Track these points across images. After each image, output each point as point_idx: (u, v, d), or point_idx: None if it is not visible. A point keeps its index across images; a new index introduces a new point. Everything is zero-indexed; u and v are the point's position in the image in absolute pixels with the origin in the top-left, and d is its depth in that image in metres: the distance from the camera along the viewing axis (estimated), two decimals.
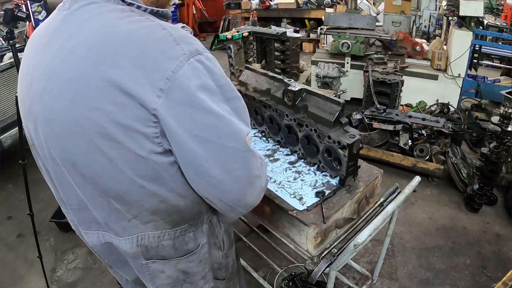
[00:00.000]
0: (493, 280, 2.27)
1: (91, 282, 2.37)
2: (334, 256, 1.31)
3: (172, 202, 0.91)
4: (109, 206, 0.91)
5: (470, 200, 2.87)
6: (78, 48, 0.78)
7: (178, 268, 1.05)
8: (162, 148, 0.80)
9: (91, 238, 1.05)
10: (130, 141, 0.78)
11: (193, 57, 0.77)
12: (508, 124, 2.58)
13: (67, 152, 0.85)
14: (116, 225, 0.96)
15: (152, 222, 0.94)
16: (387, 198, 1.52)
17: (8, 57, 3.26)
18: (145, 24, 0.78)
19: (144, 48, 0.75)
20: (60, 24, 0.84)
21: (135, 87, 0.73)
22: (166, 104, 0.75)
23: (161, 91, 0.74)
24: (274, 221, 1.45)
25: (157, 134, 0.78)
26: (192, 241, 1.03)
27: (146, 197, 0.88)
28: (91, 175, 0.86)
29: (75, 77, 0.77)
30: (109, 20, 0.79)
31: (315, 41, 6.89)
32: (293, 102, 1.52)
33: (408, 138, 3.21)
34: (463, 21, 3.90)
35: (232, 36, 4.46)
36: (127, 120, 0.76)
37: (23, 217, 2.74)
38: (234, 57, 4.63)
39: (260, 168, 0.89)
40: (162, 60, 0.74)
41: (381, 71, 3.45)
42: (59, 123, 0.81)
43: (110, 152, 0.80)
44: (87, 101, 0.76)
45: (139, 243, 0.98)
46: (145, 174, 0.83)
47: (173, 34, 0.77)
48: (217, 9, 8.26)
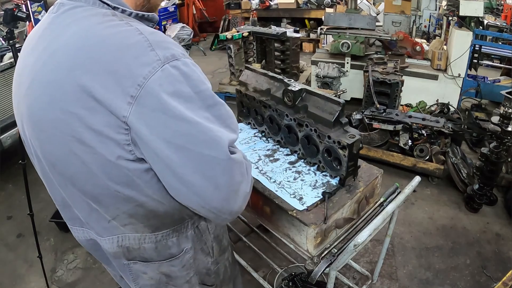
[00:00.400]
0: (493, 280, 2.27)
1: (91, 282, 2.37)
2: (334, 256, 1.31)
3: (150, 208, 0.89)
4: (89, 207, 0.92)
5: (470, 200, 2.87)
6: (57, 52, 0.79)
7: (161, 271, 1.04)
8: (134, 156, 0.79)
9: (77, 234, 1.07)
10: (102, 146, 0.77)
11: (168, 63, 0.75)
12: (508, 124, 2.58)
13: (47, 152, 0.87)
14: (96, 225, 0.97)
15: (130, 225, 0.93)
16: (387, 198, 1.52)
17: (8, 57, 3.26)
18: (122, 29, 0.77)
19: (117, 53, 0.74)
20: (47, 27, 0.85)
21: (106, 93, 0.73)
22: (138, 111, 0.73)
23: (132, 98, 0.72)
24: (274, 221, 1.45)
25: (128, 141, 0.77)
26: (176, 246, 1.01)
27: (121, 201, 0.87)
28: (68, 176, 0.87)
29: (53, 81, 0.78)
30: (88, 24, 0.79)
31: (315, 41, 6.90)
32: (293, 102, 1.52)
33: (408, 138, 3.21)
34: (463, 21, 3.90)
35: (232, 36, 4.47)
36: (98, 125, 0.75)
37: (23, 217, 2.74)
38: (234, 57, 4.64)
39: (245, 174, 0.87)
40: (135, 66, 0.73)
41: (381, 71, 3.45)
42: (39, 124, 0.83)
43: (83, 156, 0.80)
44: (62, 105, 0.76)
45: (120, 244, 0.97)
46: (118, 179, 0.82)
47: (149, 39, 0.76)
48: (217, 9, 8.25)
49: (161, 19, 7.34)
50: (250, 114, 1.84)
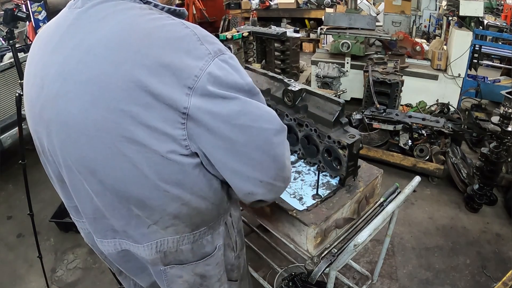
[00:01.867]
0: (493, 280, 2.27)
1: (91, 282, 2.37)
2: (334, 256, 1.31)
3: (194, 205, 0.90)
4: (129, 213, 0.88)
5: (470, 200, 2.87)
6: (96, 47, 0.74)
7: (196, 272, 1.04)
8: (189, 151, 0.79)
9: (106, 247, 1.03)
10: (157, 143, 0.75)
11: (218, 57, 0.76)
12: (508, 124, 2.58)
13: (85, 158, 0.81)
14: (135, 232, 0.94)
15: (172, 227, 0.92)
16: (387, 198, 1.52)
17: (8, 57, 3.26)
18: (167, 22, 0.76)
19: (169, 46, 0.73)
20: (73, 23, 0.79)
21: (162, 87, 0.71)
22: (198, 101, 0.74)
23: (189, 89, 0.73)
24: (274, 221, 1.44)
25: (185, 136, 0.76)
26: (210, 244, 1.02)
27: (168, 201, 0.86)
28: (112, 181, 0.82)
29: (94, 77, 0.73)
30: (128, 17, 0.76)
31: (315, 41, 6.89)
32: (293, 102, 1.52)
33: (408, 138, 3.21)
34: (463, 21, 3.90)
35: (232, 36, 4.47)
36: (154, 121, 0.73)
37: (23, 217, 2.74)
38: None
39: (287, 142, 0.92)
40: (189, 59, 0.73)
41: (381, 71, 3.45)
42: (76, 128, 0.77)
43: (134, 157, 0.77)
44: (109, 103, 0.72)
45: (158, 249, 0.96)
46: (169, 178, 0.81)
47: (197, 33, 0.76)
48: (217, 9, 8.24)
49: None
50: None
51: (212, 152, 0.81)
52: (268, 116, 0.82)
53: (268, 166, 0.85)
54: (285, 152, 0.88)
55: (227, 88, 0.76)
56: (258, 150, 0.82)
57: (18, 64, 2.18)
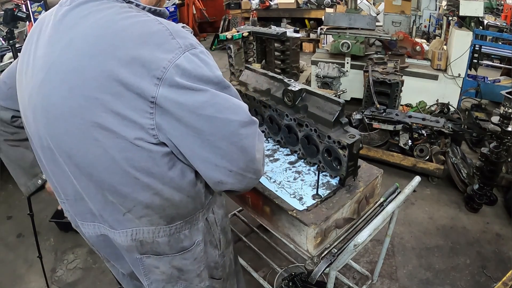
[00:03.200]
0: (493, 280, 2.27)
1: (91, 282, 2.37)
2: (334, 256, 1.31)
3: (166, 196, 0.92)
4: (104, 199, 0.93)
5: (470, 200, 2.87)
6: (76, 41, 0.81)
7: (173, 264, 1.05)
8: (157, 140, 0.83)
9: (86, 229, 1.07)
10: (126, 130, 0.80)
11: (188, 51, 0.80)
12: (508, 124, 2.58)
13: (63, 142, 0.87)
14: (110, 218, 0.97)
15: (146, 217, 0.95)
16: (387, 198, 1.52)
17: (8, 57, 3.26)
18: (142, 19, 0.82)
19: (140, 40, 0.78)
20: (60, 19, 0.86)
21: (132, 77, 0.76)
22: (165, 91, 0.77)
23: (158, 79, 0.77)
24: (274, 221, 1.45)
25: (153, 126, 0.80)
26: (188, 238, 1.04)
27: (139, 189, 0.89)
28: (86, 165, 0.88)
29: (73, 68, 0.80)
30: (107, 15, 0.82)
31: (315, 41, 6.89)
32: (293, 102, 1.52)
33: (408, 138, 3.21)
34: (463, 21, 3.90)
35: (232, 36, 4.47)
36: (124, 109, 0.78)
37: (23, 217, 2.74)
38: (234, 57, 4.64)
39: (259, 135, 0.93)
40: (159, 52, 0.77)
41: (381, 71, 3.45)
42: (56, 113, 0.84)
43: (105, 142, 0.82)
44: (84, 91, 0.78)
45: (134, 237, 0.98)
46: (139, 165, 0.85)
47: (169, 28, 0.81)
48: (217, 9, 8.25)
49: None
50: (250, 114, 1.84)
51: (181, 140, 0.83)
52: (236, 108, 0.84)
53: (237, 157, 0.86)
54: (255, 145, 0.89)
55: (195, 80, 0.79)
56: (225, 140, 0.84)
57: None
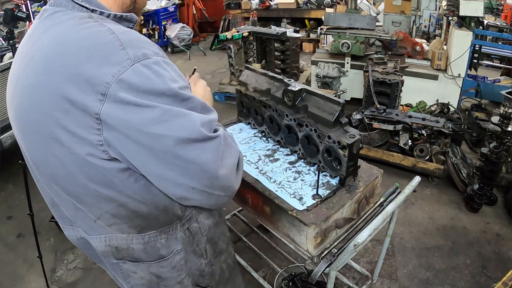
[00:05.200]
0: (493, 280, 2.27)
1: (91, 282, 2.37)
2: (334, 256, 1.31)
3: (132, 208, 0.90)
4: (74, 206, 0.93)
5: (470, 200, 2.87)
6: (35, 57, 0.82)
7: (150, 271, 1.04)
8: (108, 156, 0.80)
9: (68, 232, 1.08)
10: (77, 146, 0.79)
11: (139, 62, 0.76)
12: (508, 124, 2.58)
13: (31, 153, 0.90)
14: (83, 224, 0.98)
15: (115, 225, 0.94)
16: (387, 198, 1.52)
17: (8, 57, 3.26)
18: (94, 30, 0.79)
19: (88, 54, 0.76)
20: (31, 33, 0.88)
21: (78, 93, 0.75)
22: (109, 107, 0.74)
23: (102, 95, 0.74)
24: (274, 221, 1.45)
25: (101, 142, 0.78)
26: (164, 247, 1.02)
27: (102, 200, 0.88)
28: (51, 176, 0.90)
29: (31, 84, 0.81)
30: (64, 28, 0.81)
31: (315, 41, 6.90)
32: (293, 102, 1.52)
33: (408, 138, 3.21)
34: (463, 21, 3.90)
35: (232, 36, 4.48)
36: (72, 126, 0.77)
37: (23, 217, 2.74)
38: (234, 57, 4.65)
39: (228, 147, 0.86)
40: (104, 66, 0.75)
41: (381, 71, 3.45)
42: (22, 127, 0.87)
43: (62, 156, 0.82)
44: (40, 107, 0.79)
45: (108, 243, 0.98)
46: (96, 179, 0.84)
47: (121, 39, 0.77)
48: (217, 9, 8.25)
49: (161, 19, 7.34)
50: (250, 114, 1.85)
51: (134, 157, 0.80)
52: (188, 125, 0.78)
53: (197, 174, 0.81)
54: (216, 160, 0.82)
55: (144, 95, 0.75)
56: (179, 159, 0.78)
57: None
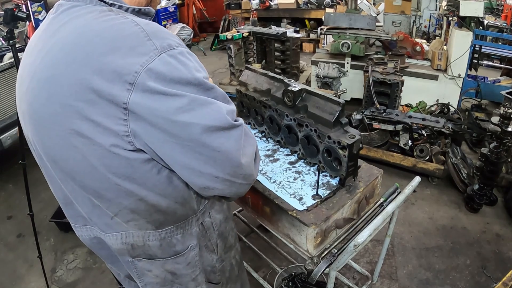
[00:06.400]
0: (493, 280, 2.27)
1: (91, 282, 2.37)
2: (334, 256, 1.31)
3: (151, 202, 0.90)
4: (91, 203, 0.93)
5: (470, 200, 2.87)
6: (53, 49, 0.82)
7: (165, 268, 1.04)
8: (133, 147, 0.81)
9: (80, 232, 1.07)
10: (101, 137, 0.79)
11: (165, 52, 0.77)
12: (508, 124, 2.58)
13: (48, 148, 0.88)
14: (99, 221, 0.97)
15: (133, 221, 0.94)
16: (387, 198, 1.52)
17: (8, 57, 3.26)
18: (118, 22, 0.79)
19: (113, 44, 0.76)
20: (46, 28, 0.88)
21: (104, 84, 0.75)
22: (138, 97, 0.75)
23: (130, 85, 0.74)
24: (274, 221, 1.45)
25: (127, 132, 0.78)
26: (180, 243, 1.02)
27: (123, 194, 0.88)
28: (69, 171, 0.88)
29: (50, 76, 0.80)
30: (84, 21, 0.81)
31: (315, 41, 6.89)
32: (293, 102, 1.52)
33: (408, 138, 3.21)
34: (463, 21, 3.90)
35: (232, 36, 4.47)
36: (97, 116, 0.77)
37: (23, 217, 2.75)
38: (234, 57, 4.64)
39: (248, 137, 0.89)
40: (131, 56, 0.75)
41: (381, 71, 3.45)
42: (39, 120, 0.85)
43: (83, 149, 0.81)
44: (61, 99, 0.79)
45: (124, 241, 0.98)
46: (118, 171, 0.84)
47: (146, 30, 0.78)
48: (217, 9, 8.25)
49: (161, 19, 7.34)
50: (250, 114, 1.85)
51: (159, 147, 0.81)
52: (215, 112, 0.80)
53: (221, 163, 0.82)
54: (239, 149, 0.84)
55: (172, 84, 0.76)
56: (205, 147, 0.80)
57: (18, 64, 2.18)
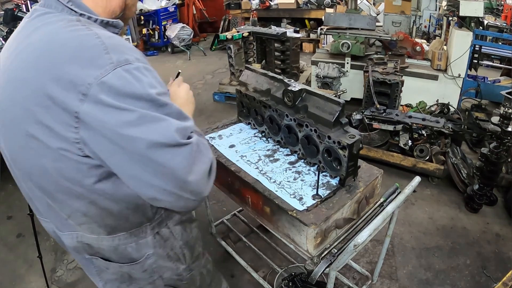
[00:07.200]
0: (493, 280, 2.27)
1: (91, 282, 2.32)
2: (334, 256, 1.31)
3: (102, 205, 0.92)
4: (46, 202, 0.96)
5: (470, 200, 2.87)
6: (23, 52, 0.85)
7: (122, 270, 1.06)
8: (83, 153, 0.83)
9: (44, 224, 1.10)
10: (54, 141, 0.82)
11: (121, 67, 0.79)
12: (508, 124, 2.59)
13: (9, 147, 0.92)
14: (55, 220, 1.00)
15: (86, 225, 0.96)
16: (387, 198, 1.52)
17: None
18: (82, 33, 0.83)
19: (74, 55, 0.80)
20: (21, 30, 0.92)
21: (60, 92, 0.78)
22: (89, 107, 0.77)
23: (83, 95, 0.77)
24: (274, 221, 1.45)
25: (78, 140, 0.81)
26: (135, 251, 1.03)
27: (73, 197, 0.90)
28: (27, 171, 0.93)
29: (16, 78, 0.84)
30: (53, 28, 0.85)
31: (315, 41, 6.90)
32: (293, 102, 1.52)
33: (408, 138, 3.21)
34: (463, 21, 3.91)
35: (232, 36, 4.48)
36: (51, 122, 0.80)
37: (23, 217, 2.74)
38: (234, 57, 4.65)
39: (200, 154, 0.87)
40: (89, 68, 0.78)
41: (381, 71, 3.45)
42: (4, 119, 0.89)
43: (37, 151, 0.85)
44: (22, 101, 0.82)
45: (79, 239, 1.00)
46: (69, 175, 0.87)
47: (105, 43, 0.81)
48: (217, 9, 8.26)
49: (161, 19, 7.35)
50: (250, 114, 1.85)
51: (108, 157, 0.83)
52: (162, 130, 0.81)
53: (168, 177, 0.83)
54: (187, 166, 0.84)
55: (123, 98, 0.78)
56: (152, 161, 0.81)
57: None
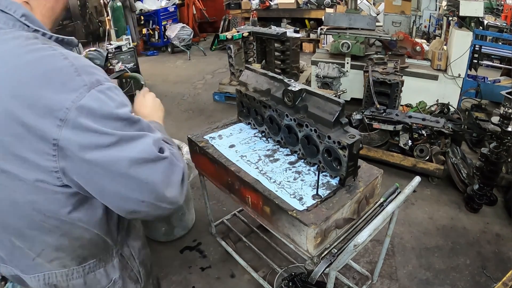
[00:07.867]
0: (493, 280, 2.27)
1: None
2: (334, 256, 1.31)
3: (75, 235, 0.90)
4: (11, 244, 0.90)
5: (470, 200, 2.87)
6: None
7: None
8: (61, 182, 0.80)
9: (2, 270, 1.02)
10: (28, 173, 0.77)
11: (95, 88, 0.77)
12: (508, 124, 2.59)
13: None
14: (20, 263, 0.95)
15: (57, 260, 0.93)
16: (387, 198, 1.52)
17: None
18: (47, 53, 0.77)
19: (44, 78, 0.75)
20: None
21: (35, 118, 0.73)
22: (68, 133, 0.74)
23: (61, 121, 0.73)
24: (274, 221, 1.45)
25: (56, 168, 0.77)
26: (104, 277, 1.02)
27: (46, 231, 0.87)
28: None
29: None
30: (11, 48, 0.78)
31: (315, 41, 6.90)
32: (293, 102, 1.52)
33: (408, 138, 3.21)
34: (463, 21, 3.91)
35: (232, 36, 4.48)
36: (25, 152, 0.75)
37: None
38: (234, 57, 4.65)
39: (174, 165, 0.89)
40: (62, 92, 0.74)
41: (381, 71, 3.45)
42: None
43: (7, 185, 0.79)
44: None
45: (47, 282, 0.96)
46: (43, 208, 0.83)
47: (75, 64, 0.77)
48: (217, 9, 8.26)
49: (161, 19, 7.34)
50: (250, 114, 1.85)
51: (89, 180, 0.80)
52: (142, 146, 0.82)
53: (147, 190, 0.84)
54: (165, 180, 0.85)
55: (102, 120, 0.77)
56: (133, 179, 0.81)
57: None
